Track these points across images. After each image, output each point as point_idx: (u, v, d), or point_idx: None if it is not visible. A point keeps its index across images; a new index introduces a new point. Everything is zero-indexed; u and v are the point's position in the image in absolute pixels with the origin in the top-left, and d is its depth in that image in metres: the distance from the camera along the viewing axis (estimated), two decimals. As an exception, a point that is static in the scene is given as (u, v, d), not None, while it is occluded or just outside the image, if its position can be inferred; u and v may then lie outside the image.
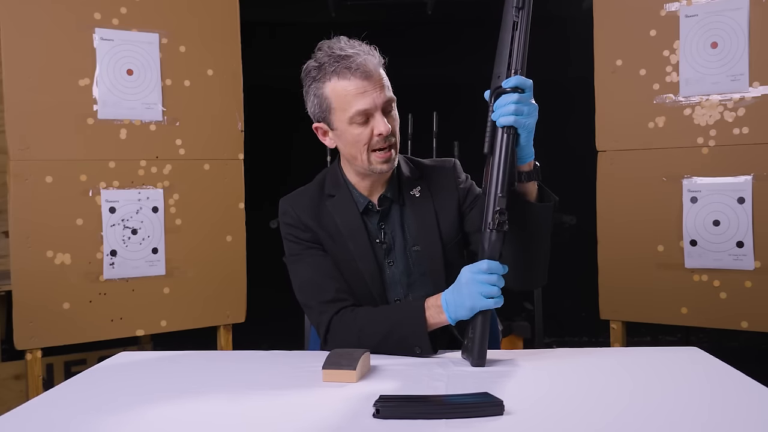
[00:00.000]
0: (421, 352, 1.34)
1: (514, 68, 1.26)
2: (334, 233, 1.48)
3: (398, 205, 1.52)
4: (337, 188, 1.51)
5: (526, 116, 1.25)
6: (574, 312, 3.83)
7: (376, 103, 1.38)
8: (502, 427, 0.93)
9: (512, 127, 1.25)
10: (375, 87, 1.38)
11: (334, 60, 1.37)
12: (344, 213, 1.49)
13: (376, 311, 1.41)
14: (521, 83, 1.25)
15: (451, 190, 1.54)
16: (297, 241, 1.49)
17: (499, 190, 1.26)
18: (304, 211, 1.49)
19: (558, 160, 3.53)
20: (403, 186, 1.52)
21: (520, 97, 1.24)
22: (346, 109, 1.39)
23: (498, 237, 1.27)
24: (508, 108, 1.24)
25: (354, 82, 1.37)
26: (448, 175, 1.55)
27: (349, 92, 1.37)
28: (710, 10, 2.16)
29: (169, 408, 1.06)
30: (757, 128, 2.11)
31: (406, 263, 1.50)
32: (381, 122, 1.38)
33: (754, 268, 2.11)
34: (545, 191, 1.35)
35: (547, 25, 3.96)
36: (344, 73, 1.37)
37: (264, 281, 2.82)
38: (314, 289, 1.45)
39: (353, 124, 1.40)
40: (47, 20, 2.15)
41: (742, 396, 1.06)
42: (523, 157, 1.29)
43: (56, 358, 2.96)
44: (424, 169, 1.56)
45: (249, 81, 2.49)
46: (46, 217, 2.15)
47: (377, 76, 1.39)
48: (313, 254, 1.48)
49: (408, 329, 1.34)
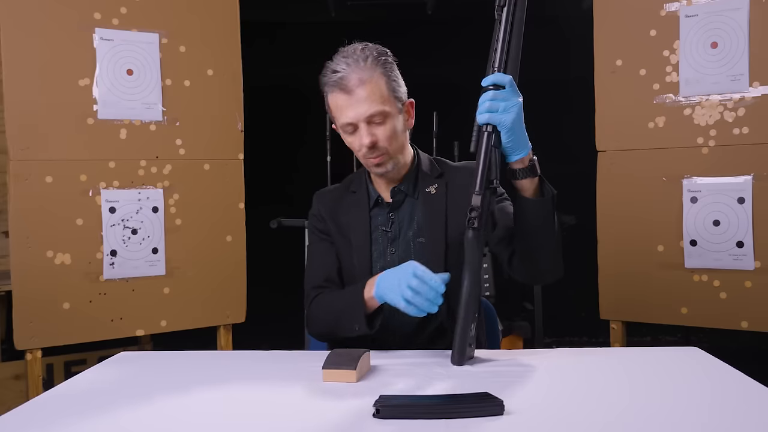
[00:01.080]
0: (359, 329, 1.37)
1: (495, 66, 1.29)
2: (344, 227, 1.58)
3: (412, 199, 1.56)
4: (359, 185, 1.60)
5: (502, 113, 1.26)
6: (574, 312, 3.83)
7: (358, 117, 1.44)
8: (502, 427, 0.93)
9: (490, 125, 1.27)
10: (358, 101, 1.43)
11: (326, 73, 1.46)
12: (356, 207, 1.58)
13: (336, 292, 1.51)
14: (498, 80, 1.27)
15: (468, 190, 1.55)
16: (314, 230, 1.63)
17: (477, 188, 1.29)
18: (324, 204, 1.62)
19: (558, 160, 3.53)
20: (420, 182, 1.57)
21: (495, 94, 1.26)
22: (339, 119, 1.48)
23: (474, 235, 1.29)
24: (483, 106, 1.27)
25: (339, 97, 1.45)
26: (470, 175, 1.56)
27: (338, 106, 1.46)
28: (710, 10, 2.16)
29: (169, 408, 1.06)
30: (757, 128, 2.11)
31: (408, 253, 1.53)
32: (363, 135, 1.45)
33: (754, 268, 2.11)
34: (545, 185, 1.35)
35: (547, 25, 3.97)
36: (332, 88, 1.46)
37: (264, 281, 2.82)
38: (312, 276, 1.58)
39: (345, 132, 1.50)
40: (47, 20, 2.15)
41: (742, 396, 1.06)
42: (509, 154, 1.30)
43: (56, 358, 2.96)
44: (448, 169, 1.60)
45: (249, 81, 2.49)
46: (46, 216, 2.15)
47: (363, 90, 1.42)
48: (322, 244, 1.61)
49: (349, 305, 1.40)
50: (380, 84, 1.44)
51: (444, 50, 4.37)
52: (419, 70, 4.25)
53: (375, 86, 1.43)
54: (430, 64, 4.33)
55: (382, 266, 1.51)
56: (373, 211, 1.57)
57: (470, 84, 1.39)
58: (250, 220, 2.50)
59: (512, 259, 1.45)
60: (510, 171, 1.32)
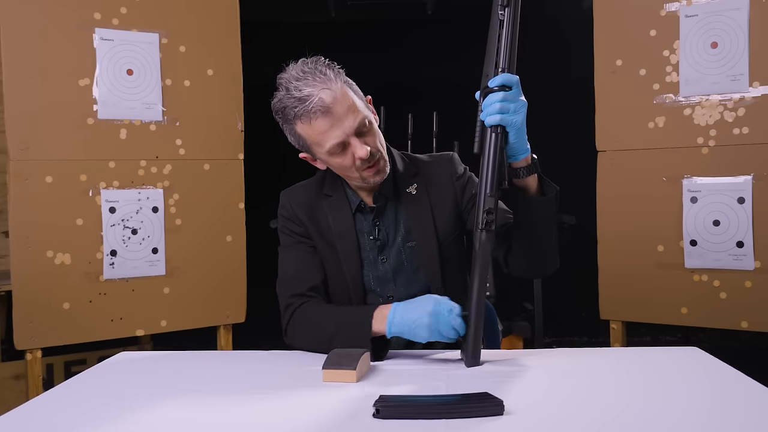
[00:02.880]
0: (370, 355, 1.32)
1: (501, 66, 1.27)
2: (326, 232, 1.50)
3: (394, 203, 1.51)
4: (334, 189, 1.52)
5: (513, 114, 1.25)
6: (574, 312, 3.83)
7: (347, 133, 1.36)
8: (502, 427, 0.93)
9: (500, 126, 1.26)
10: (341, 118, 1.35)
11: (294, 104, 1.35)
12: (337, 213, 1.50)
13: (331, 309, 1.43)
14: (507, 81, 1.25)
15: (448, 185, 1.53)
16: (290, 233, 1.53)
17: (488, 190, 1.27)
18: (300, 206, 1.52)
19: (558, 160, 3.53)
20: (399, 183, 1.51)
21: (506, 95, 1.25)
22: (322, 144, 1.38)
23: (488, 237, 1.28)
24: (493, 107, 1.25)
25: (319, 123, 1.35)
26: (445, 169, 1.54)
27: (318, 132, 1.36)
28: (710, 10, 2.16)
29: (169, 408, 1.06)
30: (757, 128, 2.11)
31: (400, 259, 1.50)
32: (358, 148, 1.37)
33: (754, 268, 2.11)
34: (546, 182, 1.35)
35: (547, 25, 3.97)
36: (306, 116, 1.35)
37: (264, 281, 2.80)
38: (290, 282, 1.49)
39: (332, 155, 1.39)
40: (47, 20, 2.15)
41: (742, 396, 1.06)
42: (515, 154, 1.29)
43: (56, 358, 2.96)
44: (421, 165, 1.55)
45: (249, 81, 2.49)
46: (46, 217, 2.15)
47: (340, 105, 1.35)
48: (300, 249, 1.51)
49: (353, 331, 1.33)
50: (347, 92, 1.37)
51: (444, 50, 4.36)
52: (419, 70, 4.26)
53: (346, 97, 1.36)
54: (431, 64, 4.33)
55: (374, 276, 1.50)
56: (356, 217, 1.51)
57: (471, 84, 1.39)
58: (250, 220, 2.50)
59: (508, 255, 1.44)
60: (512, 170, 1.32)
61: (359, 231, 1.50)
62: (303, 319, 1.43)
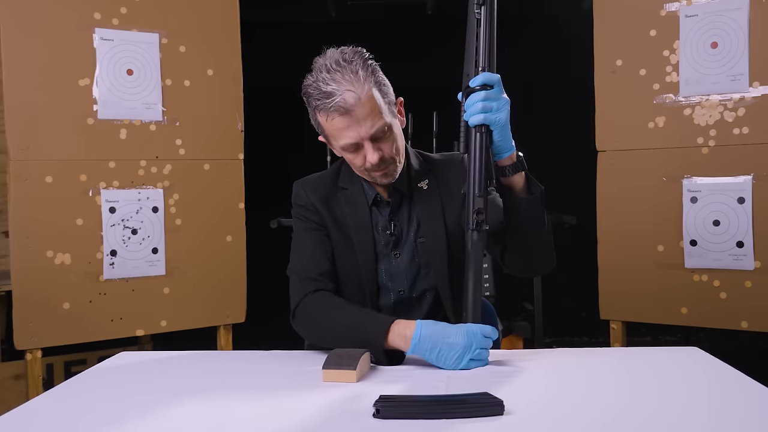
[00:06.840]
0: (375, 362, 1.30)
1: (481, 65, 1.27)
2: (342, 223, 1.51)
3: (408, 198, 1.53)
4: (350, 182, 1.53)
5: (496, 112, 1.26)
6: (574, 312, 3.83)
7: (362, 136, 1.35)
8: (502, 427, 0.93)
9: (484, 125, 1.26)
10: (359, 120, 1.33)
11: (317, 95, 1.34)
12: (354, 205, 1.51)
13: (347, 308, 1.40)
14: (488, 80, 1.26)
15: (458, 184, 1.53)
16: (305, 219, 1.53)
17: (477, 190, 1.27)
18: (316, 195, 1.52)
19: (558, 160, 3.53)
20: (413, 179, 1.53)
21: (487, 93, 1.25)
22: (337, 139, 1.39)
23: (480, 237, 1.29)
24: (476, 107, 1.25)
25: (337, 121, 1.34)
26: (456, 168, 1.55)
27: (335, 128, 1.36)
28: (710, 10, 2.16)
29: (169, 408, 1.06)
30: (757, 128, 2.11)
31: (412, 255, 1.51)
32: (370, 153, 1.36)
33: (754, 268, 2.11)
34: (532, 181, 1.35)
35: (547, 25, 3.96)
36: (325, 111, 1.35)
37: (264, 281, 2.81)
38: (304, 263, 1.48)
39: (345, 151, 1.41)
40: (47, 20, 2.15)
41: (742, 396, 1.06)
42: (500, 152, 1.30)
43: (56, 358, 2.96)
44: (434, 163, 1.57)
45: (249, 81, 2.49)
46: (46, 217, 2.15)
47: (362, 109, 1.33)
48: (316, 235, 1.51)
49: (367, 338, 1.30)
50: (376, 96, 1.35)
51: (444, 50, 4.35)
52: (419, 70, 4.26)
53: (372, 100, 1.34)
54: (430, 64, 4.32)
55: (386, 269, 1.50)
56: (371, 210, 1.52)
57: (471, 84, 1.39)
58: (250, 220, 2.50)
59: (504, 254, 1.45)
60: (498, 169, 1.32)
61: (374, 225, 1.51)
62: (316, 307, 1.42)
